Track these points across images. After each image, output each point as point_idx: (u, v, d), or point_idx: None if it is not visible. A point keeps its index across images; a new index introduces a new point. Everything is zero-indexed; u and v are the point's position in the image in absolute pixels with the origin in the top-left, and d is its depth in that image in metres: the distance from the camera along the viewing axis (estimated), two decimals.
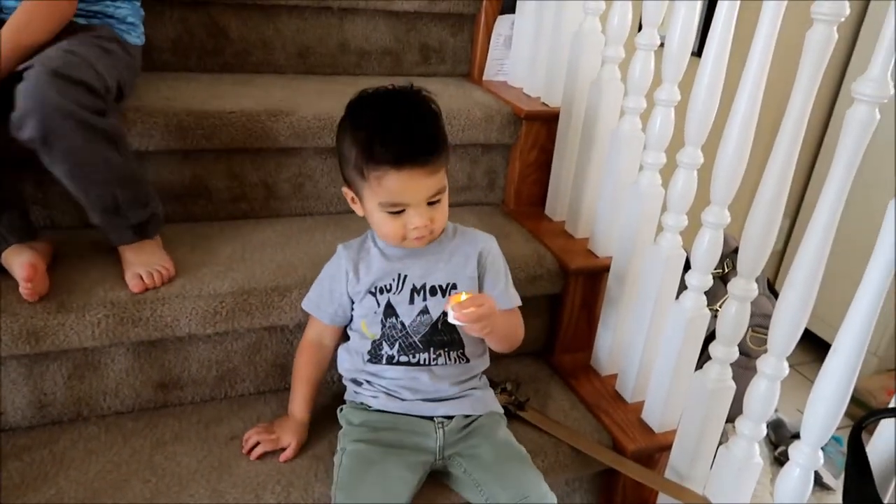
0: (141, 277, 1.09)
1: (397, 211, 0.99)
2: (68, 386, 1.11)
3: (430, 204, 1.00)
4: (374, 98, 1.01)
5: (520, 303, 1.13)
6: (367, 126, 0.98)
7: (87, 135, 1.01)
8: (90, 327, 1.05)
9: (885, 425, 0.89)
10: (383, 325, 1.06)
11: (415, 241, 1.02)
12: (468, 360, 1.09)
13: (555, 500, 1.00)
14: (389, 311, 1.06)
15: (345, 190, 1.07)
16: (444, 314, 1.04)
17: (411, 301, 1.06)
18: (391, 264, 1.07)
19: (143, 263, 1.11)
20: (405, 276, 1.06)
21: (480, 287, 1.09)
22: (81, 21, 1.18)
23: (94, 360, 1.12)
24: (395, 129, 0.96)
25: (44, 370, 1.09)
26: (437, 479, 1.06)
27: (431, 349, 1.06)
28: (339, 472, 1.00)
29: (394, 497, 0.96)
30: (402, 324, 1.06)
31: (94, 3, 1.19)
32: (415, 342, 1.06)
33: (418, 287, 1.06)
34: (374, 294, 1.06)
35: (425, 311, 1.06)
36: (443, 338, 1.07)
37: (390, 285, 1.06)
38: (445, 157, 1.01)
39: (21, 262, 1.04)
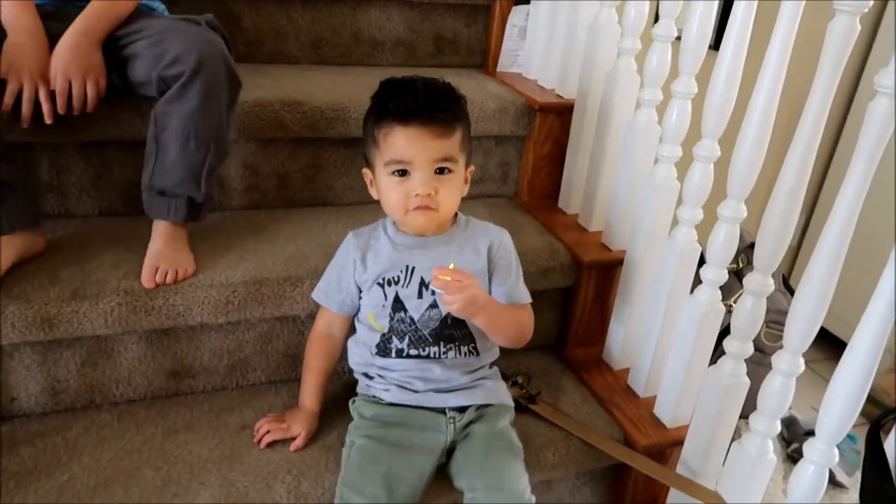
0: (156, 273, 1.08)
1: (402, 171, 0.99)
2: (81, 373, 1.12)
3: (438, 174, 1.00)
4: (395, 77, 1.05)
5: (529, 300, 1.12)
6: (383, 93, 1.03)
7: (224, 77, 1.08)
8: (103, 315, 1.05)
9: None
10: (391, 319, 1.06)
11: (418, 214, 1.00)
12: (478, 354, 1.09)
13: (531, 502, 0.98)
14: (398, 305, 1.05)
15: (364, 171, 1.08)
16: None
17: (420, 295, 1.05)
18: (399, 255, 1.06)
19: (167, 259, 1.10)
20: (413, 269, 1.05)
21: (489, 282, 1.08)
22: None
23: (107, 348, 1.12)
24: (407, 90, 1.01)
25: (57, 357, 1.10)
26: (438, 473, 1.04)
27: (441, 343, 1.06)
28: (347, 467, 1.00)
29: (399, 498, 0.95)
30: (411, 318, 1.05)
31: None
32: (424, 336, 1.05)
33: (426, 280, 1.05)
34: (381, 286, 1.06)
35: (434, 304, 1.05)
36: (453, 332, 1.06)
37: (398, 277, 1.06)
38: (458, 126, 1.02)
39: None
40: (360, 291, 1.08)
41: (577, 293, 1.37)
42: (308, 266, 1.18)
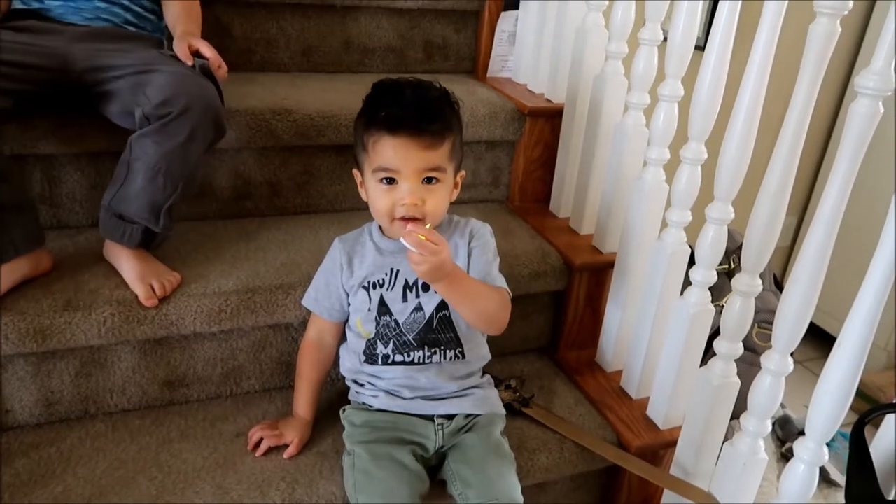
0: (153, 289, 1.08)
1: (389, 180, 0.99)
2: (75, 384, 1.12)
3: (426, 183, 0.99)
4: (389, 81, 1.04)
5: (503, 286, 1.07)
6: (374, 99, 1.02)
7: (210, 128, 1.09)
8: (97, 325, 1.06)
9: (889, 420, 0.89)
10: (377, 324, 1.06)
11: (403, 225, 0.99)
12: (464, 357, 1.08)
13: None
14: (383, 308, 1.06)
15: (354, 172, 1.08)
16: (439, 308, 1.04)
17: (404, 299, 1.05)
18: (384, 258, 1.07)
19: (152, 274, 1.10)
20: (397, 272, 1.06)
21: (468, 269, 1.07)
22: (132, 30, 1.23)
23: (100, 358, 1.12)
24: (397, 98, 1.00)
25: (51, 368, 1.10)
26: (432, 477, 1.05)
27: (426, 347, 1.06)
28: (354, 474, 0.99)
29: (412, 483, 0.97)
30: (396, 322, 1.05)
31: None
32: (409, 340, 1.05)
33: (410, 283, 1.05)
34: (366, 289, 1.06)
35: (419, 308, 1.05)
36: (437, 336, 1.06)
37: (383, 280, 1.06)
38: (449, 136, 1.00)
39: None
40: (348, 296, 1.09)
41: (569, 296, 1.38)
42: (300, 273, 1.18)
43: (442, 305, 1.05)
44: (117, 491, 1.00)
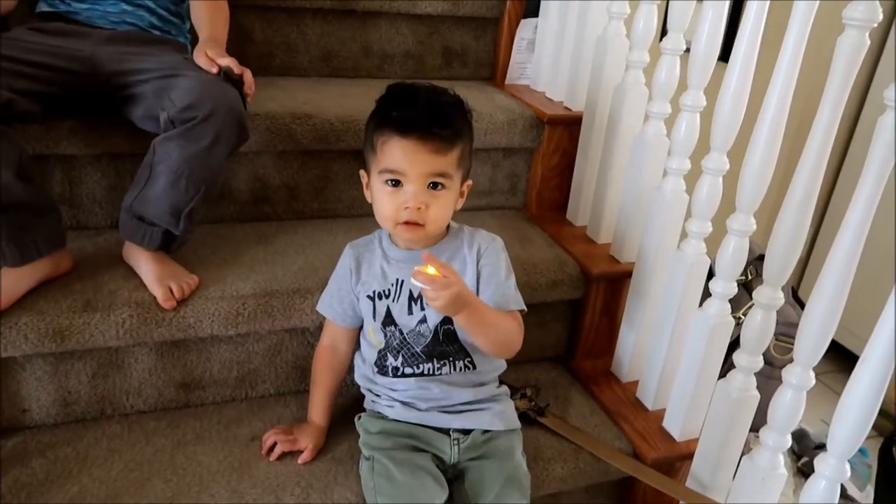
0: (171, 291, 1.09)
1: (395, 182, 0.98)
2: (92, 384, 1.12)
3: (431, 188, 0.98)
4: (404, 84, 1.04)
5: (518, 307, 1.06)
6: (387, 100, 1.02)
7: (234, 132, 1.08)
8: (115, 327, 1.06)
9: None
10: (385, 335, 1.06)
11: (405, 228, 0.99)
12: (475, 367, 1.07)
13: None
14: (388, 319, 1.05)
15: (361, 172, 1.07)
16: (443, 322, 1.03)
17: (409, 311, 1.04)
18: (391, 268, 1.06)
19: (170, 276, 1.10)
20: (403, 282, 1.04)
21: (478, 288, 1.06)
22: (157, 33, 1.23)
23: (117, 360, 1.13)
24: (410, 101, 0.99)
25: (69, 368, 1.10)
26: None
27: (434, 360, 1.05)
28: (374, 478, 0.99)
29: (434, 490, 0.96)
30: (401, 332, 1.05)
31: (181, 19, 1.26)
32: (417, 353, 1.05)
33: (415, 295, 1.04)
34: (371, 299, 1.06)
35: (423, 320, 1.04)
36: (445, 348, 1.05)
37: (388, 291, 1.05)
38: (458, 143, 1.00)
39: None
40: (358, 301, 1.08)
41: (586, 305, 1.37)
42: (317, 278, 1.18)
43: (446, 319, 1.03)
44: (132, 493, 1.00)
